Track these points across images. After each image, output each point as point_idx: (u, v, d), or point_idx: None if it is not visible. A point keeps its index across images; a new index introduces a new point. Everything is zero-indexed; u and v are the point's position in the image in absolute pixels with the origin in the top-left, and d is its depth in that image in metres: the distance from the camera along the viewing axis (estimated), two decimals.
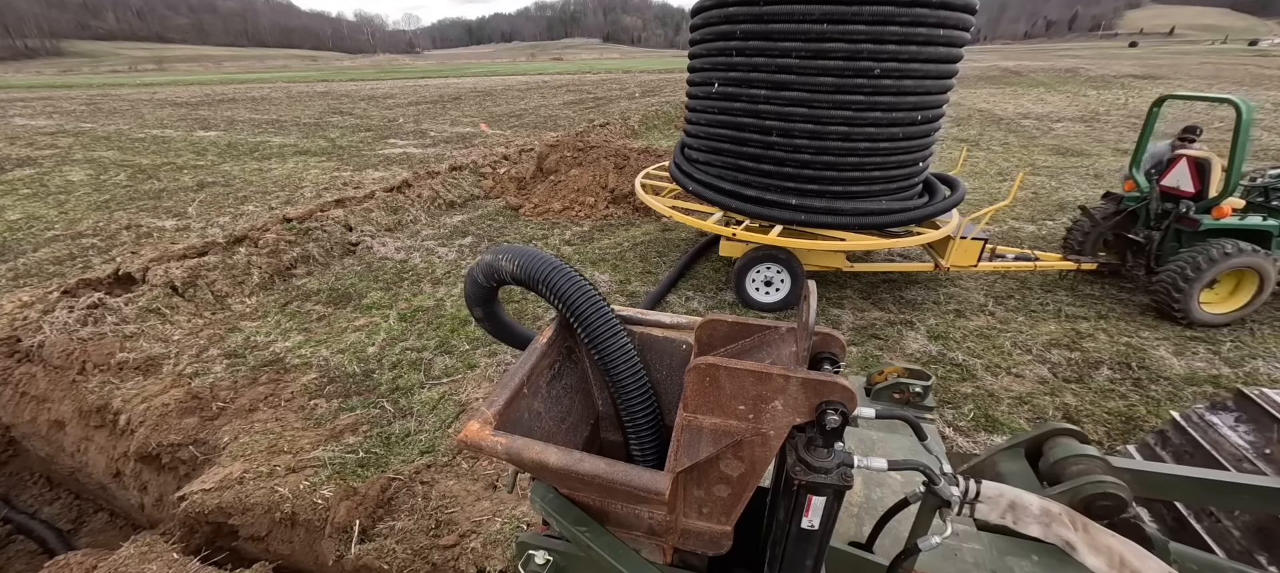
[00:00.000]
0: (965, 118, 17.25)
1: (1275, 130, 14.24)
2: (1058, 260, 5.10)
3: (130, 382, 3.93)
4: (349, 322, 4.72)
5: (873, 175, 4.30)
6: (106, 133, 14.96)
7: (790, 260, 4.56)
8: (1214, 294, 4.53)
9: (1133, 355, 4.10)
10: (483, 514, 2.49)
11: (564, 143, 8.85)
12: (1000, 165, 10.75)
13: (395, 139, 13.77)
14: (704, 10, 4.55)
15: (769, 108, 4.18)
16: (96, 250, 6.43)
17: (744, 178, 4.61)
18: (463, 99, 23.47)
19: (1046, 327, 4.55)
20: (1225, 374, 3.88)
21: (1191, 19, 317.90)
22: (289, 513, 2.48)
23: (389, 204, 7.39)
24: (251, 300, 5.17)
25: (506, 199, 8.18)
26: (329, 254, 6.10)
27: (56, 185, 9.51)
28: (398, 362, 4.09)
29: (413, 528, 2.42)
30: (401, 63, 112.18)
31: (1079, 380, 3.84)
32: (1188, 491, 1.50)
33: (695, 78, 4.95)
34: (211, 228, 7.04)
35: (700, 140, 4.98)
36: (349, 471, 2.83)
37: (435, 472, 2.89)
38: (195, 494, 2.61)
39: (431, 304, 5.01)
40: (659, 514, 1.20)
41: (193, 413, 3.53)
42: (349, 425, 3.35)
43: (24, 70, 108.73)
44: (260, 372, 4.00)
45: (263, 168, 10.62)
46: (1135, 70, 36.96)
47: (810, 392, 0.99)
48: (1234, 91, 22.90)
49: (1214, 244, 4.25)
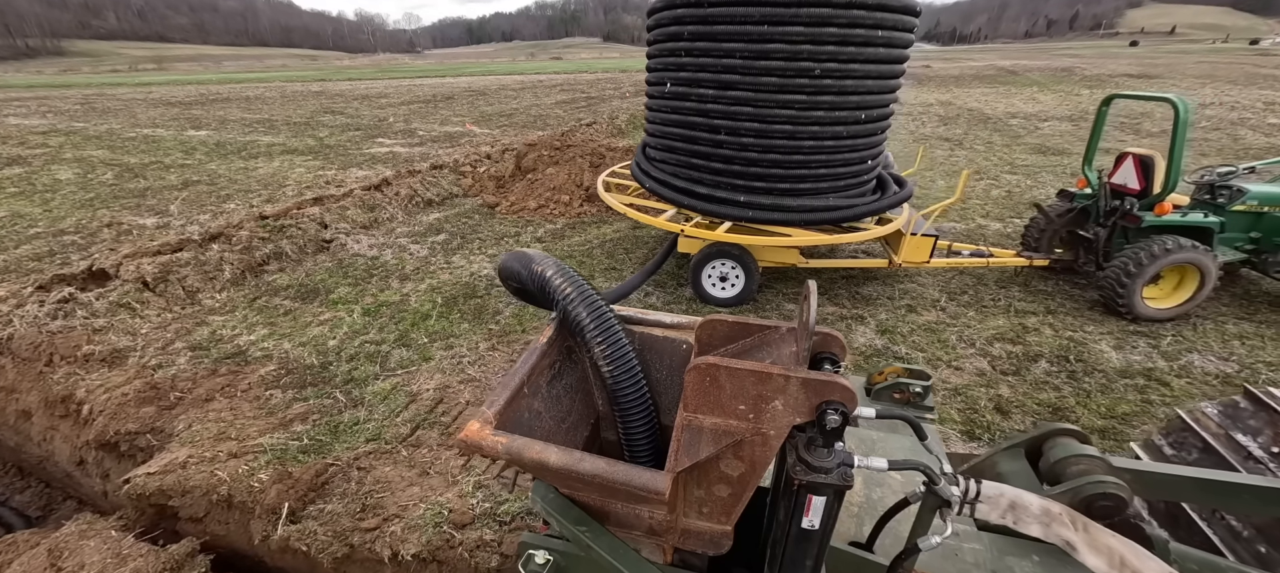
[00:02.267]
0: (954, 117, 17.31)
1: (1261, 129, 14.28)
2: (1011, 257, 5.21)
3: (95, 373, 4.04)
4: (314, 316, 4.83)
5: (818, 172, 4.40)
6: (98, 132, 15.08)
7: (743, 257, 4.66)
8: (1159, 290, 4.63)
9: (1072, 349, 4.20)
10: (410, 500, 2.60)
11: (542, 142, 8.97)
12: (979, 164, 10.84)
13: (383, 138, 13.88)
14: (656, 11, 4.66)
15: (716, 107, 4.29)
16: (76, 247, 6.54)
17: (695, 175, 4.72)
18: (456, 99, 23.58)
19: (995, 321, 4.65)
20: (1160, 367, 3.98)
21: (1193, 18, 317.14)
22: (225, 496, 2.59)
23: (366, 202, 7.51)
24: (222, 296, 5.28)
25: (484, 197, 8.29)
26: (302, 251, 6.22)
27: (44, 184, 9.63)
28: (356, 354, 4.20)
29: (340, 511, 2.53)
30: (401, 62, 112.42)
31: (1016, 373, 3.94)
32: (1189, 491, 1.49)
33: (650, 77, 5.06)
34: (191, 225, 7.15)
35: (656, 139, 5.10)
36: (289, 457, 2.93)
37: (375, 458, 3.00)
38: (138, 478, 2.73)
39: (397, 299, 5.12)
40: (659, 514, 1.20)
41: (151, 402, 3.63)
42: (299, 415, 3.46)
43: (24, 70, 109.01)
44: (221, 364, 4.11)
45: (248, 167, 10.74)
46: (1131, 69, 36.98)
47: (810, 392, 0.99)
48: (1229, 90, 23.02)
49: (1156, 240, 4.34)
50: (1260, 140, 12.91)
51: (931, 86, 27.89)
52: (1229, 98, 20.64)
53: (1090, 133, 5.07)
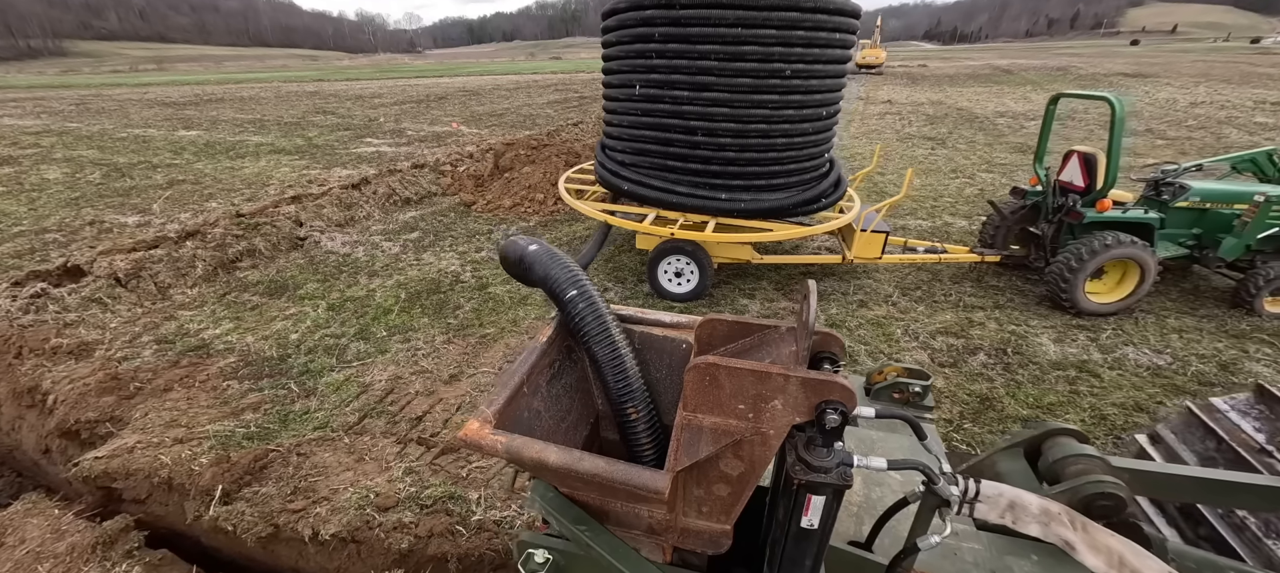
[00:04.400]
0: (941, 116, 17.38)
1: (1247, 128, 14.34)
2: (965, 253, 5.31)
3: (62, 365, 4.16)
4: (280, 311, 4.95)
5: (749, 170, 4.61)
6: (90, 132, 15.23)
7: (697, 252, 4.77)
8: (1102, 285, 4.73)
9: (1013, 342, 4.31)
10: (342, 484, 2.72)
11: (521, 142, 9.09)
12: (958, 163, 10.92)
13: (371, 138, 14.00)
14: (619, 12, 4.78)
15: (663, 107, 4.48)
16: (56, 245, 6.67)
17: (642, 172, 4.90)
18: (448, 99, 23.70)
19: (943, 316, 4.76)
20: (1094, 359, 4.09)
21: (1195, 17, 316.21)
22: (165, 478, 2.72)
23: (343, 201, 7.63)
24: (193, 291, 5.41)
25: (462, 196, 8.41)
26: (275, 248, 6.34)
27: (32, 183, 9.76)
28: (315, 347, 4.32)
29: (273, 494, 2.65)
30: (400, 62, 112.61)
31: (953, 365, 4.05)
32: (1189, 490, 1.48)
33: (614, 80, 5.18)
34: (171, 224, 7.27)
35: (607, 138, 5.28)
36: (234, 443, 3.06)
37: (317, 446, 3.12)
38: (86, 462, 2.85)
39: (362, 295, 5.24)
40: (659, 513, 1.20)
41: (111, 392, 3.76)
42: (252, 404, 3.58)
43: (26, 70, 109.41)
44: (184, 356, 4.23)
45: (234, 166, 10.87)
46: (1126, 68, 37.00)
47: (810, 391, 0.99)
48: (1222, 89, 23.07)
49: (1097, 236, 4.45)
50: (1244, 138, 12.96)
51: (925, 86, 27.95)
52: (1221, 97, 20.67)
53: (1040, 131, 5.18)
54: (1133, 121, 15.88)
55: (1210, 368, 3.96)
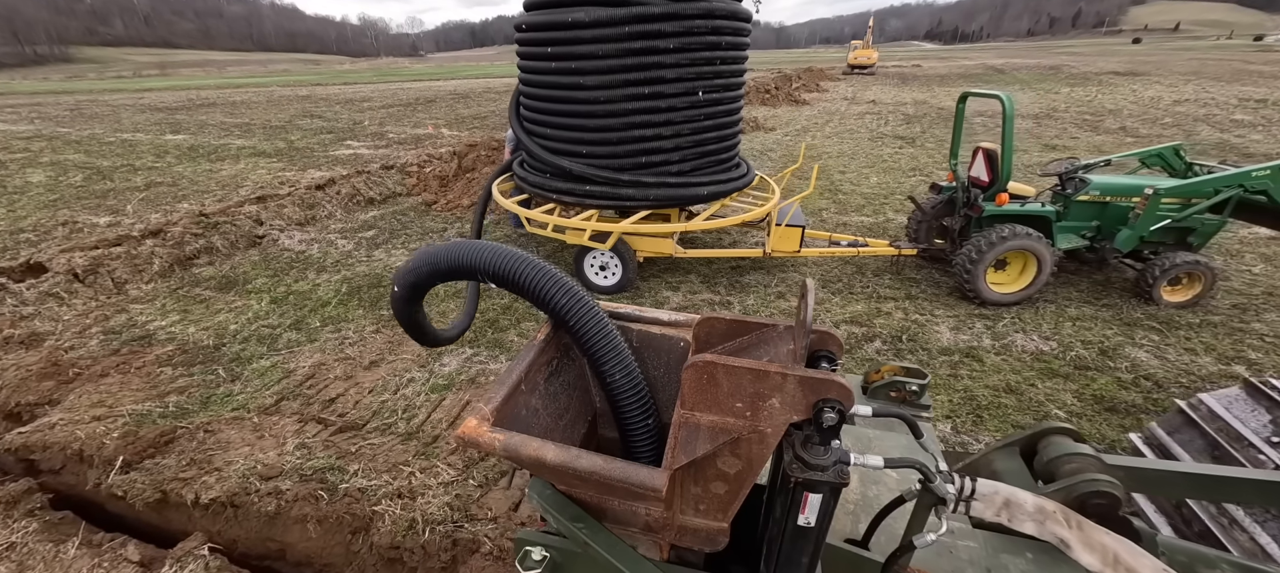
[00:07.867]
0: (919, 116, 17.54)
1: (1221, 125, 14.44)
2: (884, 247, 5.52)
3: (12, 354, 4.42)
4: (226, 304, 5.21)
5: (655, 161, 4.91)
6: (80, 137, 15.58)
7: (619, 247, 5.00)
8: (1005, 275, 4.94)
9: (910, 330, 4.52)
10: (237, 457, 2.97)
11: (484, 142, 9.33)
12: (921, 162, 11.11)
13: (352, 141, 14.29)
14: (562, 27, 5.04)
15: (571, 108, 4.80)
16: (27, 244, 6.95)
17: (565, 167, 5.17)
18: (437, 102, 24.01)
19: (854, 307, 4.97)
20: (984, 346, 4.30)
21: (1197, 15, 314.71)
22: (77, 451, 2.97)
23: (306, 200, 7.90)
24: (148, 286, 5.67)
25: (425, 196, 8.66)
26: (233, 246, 6.61)
27: (14, 186, 10.08)
28: (249, 337, 4.57)
29: (170, 465, 2.89)
30: (401, 65, 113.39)
31: (848, 352, 4.27)
32: (1183, 487, 1.50)
33: (531, 79, 5.41)
34: (139, 224, 7.55)
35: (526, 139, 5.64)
36: (149, 421, 3.31)
37: (226, 424, 3.36)
38: (10, 436, 3.11)
39: (307, 289, 5.50)
40: (656, 511, 1.20)
41: (51, 378, 4.02)
42: (179, 388, 3.83)
43: (31, 76, 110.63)
44: (127, 346, 4.49)
45: (213, 169, 11.17)
46: (1118, 67, 37.05)
47: (807, 390, 1.00)
48: (1211, 87, 23.16)
49: (996, 229, 4.66)
50: (1214, 136, 13.07)
51: (914, 86, 28.10)
52: (1207, 94, 20.74)
53: (953, 128, 5.39)
54: (1109, 120, 16.04)
55: (1091, 353, 4.16)
